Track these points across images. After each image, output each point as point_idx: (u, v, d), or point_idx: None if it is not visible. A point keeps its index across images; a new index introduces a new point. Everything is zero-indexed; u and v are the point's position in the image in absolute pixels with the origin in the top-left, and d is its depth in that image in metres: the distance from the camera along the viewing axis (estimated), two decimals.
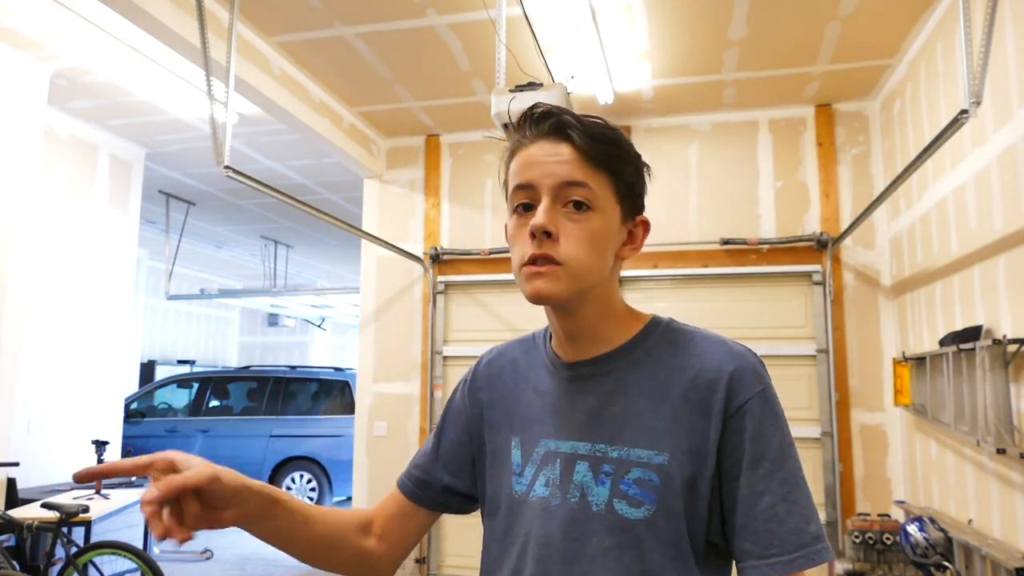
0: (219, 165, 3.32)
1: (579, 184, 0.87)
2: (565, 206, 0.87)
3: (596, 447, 0.90)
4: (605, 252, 0.90)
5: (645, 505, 0.85)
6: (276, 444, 7.79)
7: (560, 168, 0.87)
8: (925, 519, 3.35)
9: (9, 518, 3.47)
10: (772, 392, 0.88)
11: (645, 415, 0.89)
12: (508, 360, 1.06)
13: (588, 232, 0.87)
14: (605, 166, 0.89)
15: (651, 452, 0.86)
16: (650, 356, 0.92)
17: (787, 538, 0.81)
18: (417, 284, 5.46)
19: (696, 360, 0.89)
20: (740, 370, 0.87)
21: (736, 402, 0.86)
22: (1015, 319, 2.88)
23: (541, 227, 0.85)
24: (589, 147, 0.88)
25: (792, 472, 0.84)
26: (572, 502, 0.89)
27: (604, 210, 0.89)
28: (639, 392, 0.90)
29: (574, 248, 0.86)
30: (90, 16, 3.84)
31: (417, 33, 4.02)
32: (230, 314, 13.92)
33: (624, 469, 0.87)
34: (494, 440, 1.02)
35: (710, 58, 4.26)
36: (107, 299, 5.52)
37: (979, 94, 2.51)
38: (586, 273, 0.87)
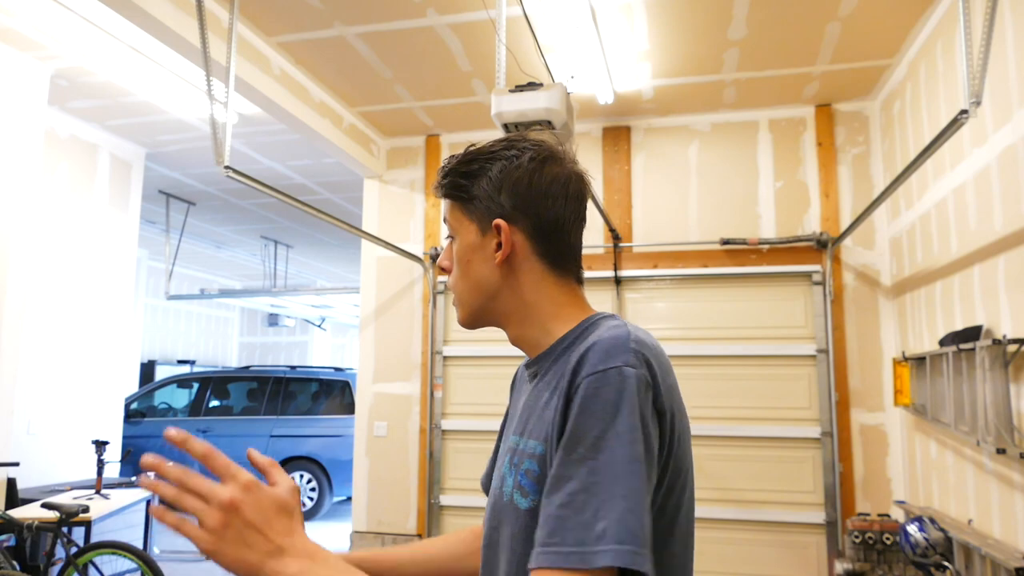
0: (219, 165, 3.31)
1: (445, 219, 1.02)
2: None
3: (518, 439, 0.94)
4: (469, 269, 0.98)
5: (530, 495, 0.85)
6: (276, 444, 7.79)
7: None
8: (925, 519, 3.35)
9: (9, 518, 3.47)
10: (617, 373, 0.79)
11: (541, 408, 0.90)
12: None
13: (456, 258, 0.99)
14: (450, 196, 0.99)
15: (535, 442, 0.87)
16: (565, 352, 0.91)
17: (572, 530, 0.73)
18: (417, 284, 5.46)
19: (578, 350, 0.86)
20: (591, 348, 0.82)
21: (576, 380, 0.81)
22: (1015, 319, 2.88)
23: (440, 265, 1.02)
24: (438, 190, 1.01)
25: (607, 463, 0.75)
26: (496, 491, 0.94)
27: (459, 233, 0.99)
28: (546, 385, 0.91)
29: (453, 276, 1.00)
30: (90, 16, 3.84)
31: (417, 33, 4.02)
32: (230, 314, 13.92)
33: (521, 460, 0.89)
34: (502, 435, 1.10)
35: (710, 58, 4.26)
36: (107, 299, 5.52)
37: (979, 94, 2.51)
38: (464, 294, 0.99)
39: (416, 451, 5.29)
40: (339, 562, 0.76)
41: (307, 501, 7.64)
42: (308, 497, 7.64)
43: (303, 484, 7.67)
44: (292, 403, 8.17)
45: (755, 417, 4.69)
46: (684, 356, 4.79)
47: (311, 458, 7.68)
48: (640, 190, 5.12)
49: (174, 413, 8.58)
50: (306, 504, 7.63)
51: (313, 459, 7.67)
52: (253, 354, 14.02)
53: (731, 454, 4.71)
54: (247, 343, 14.20)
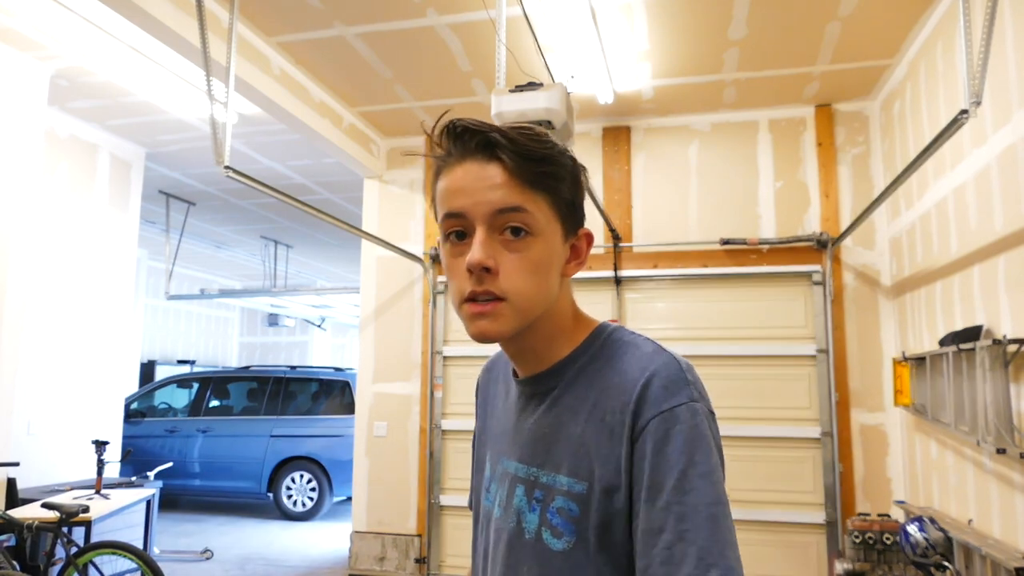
0: (219, 165, 3.31)
1: (515, 209, 0.79)
2: (502, 233, 0.80)
3: (531, 470, 0.86)
4: (549, 277, 0.83)
5: (565, 536, 0.80)
6: (276, 444, 7.79)
7: (493, 194, 0.79)
8: (925, 519, 3.35)
9: (9, 518, 3.47)
10: (686, 410, 0.76)
11: (571, 439, 0.83)
12: (500, 370, 1.05)
13: (529, 261, 0.80)
14: (541, 186, 0.81)
15: (572, 480, 0.81)
16: (584, 373, 0.86)
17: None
18: (417, 284, 5.46)
19: (618, 378, 0.81)
20: (650, 387, 0.78)
21: (641, 422, 0.77)
22: (1015, 319, 2.88)
23: (479, 264, 0.78)
24: (522, 167, 0.79)
25: (695, 507, 0.72)
26: (511, 526, 0.87)
27: (544, 233, 0.81)
28: (570, 414, 0.84)
29: (516, 281, 0.79)
30: (90, 16, 3.84)
31: (417, 33, 4.02)
32: (230, 314, 13.92)
33: (551, 497, 0.83)
34: (480, 450, 1.04)
35: (710, 58, 4.26)
36: (107, 299, 5.52)
37: (979, 94, 2.50)
38: (531, 304, 0.81)
39: (416, 451, 5.29)
40: None
41: (307, 501, 7.64)
42: (308, 497, 7.64)
43: (303, 484, 7.68)
44: (292, 403, 8.17)
45: (755, 417, 4.69)
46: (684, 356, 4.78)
47: (311, 458, 7.68)
48: (640, 190, 5.12)
49: (174, 413, 8.58)
50: (306, 504, 7.63)
51: (313, 459, 7.67)
52: (253, 354, 14.02)
53: (731, 454, 4.71)
54: (247, 343, 14.20)
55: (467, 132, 0.81)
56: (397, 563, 5.20)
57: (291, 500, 7.66)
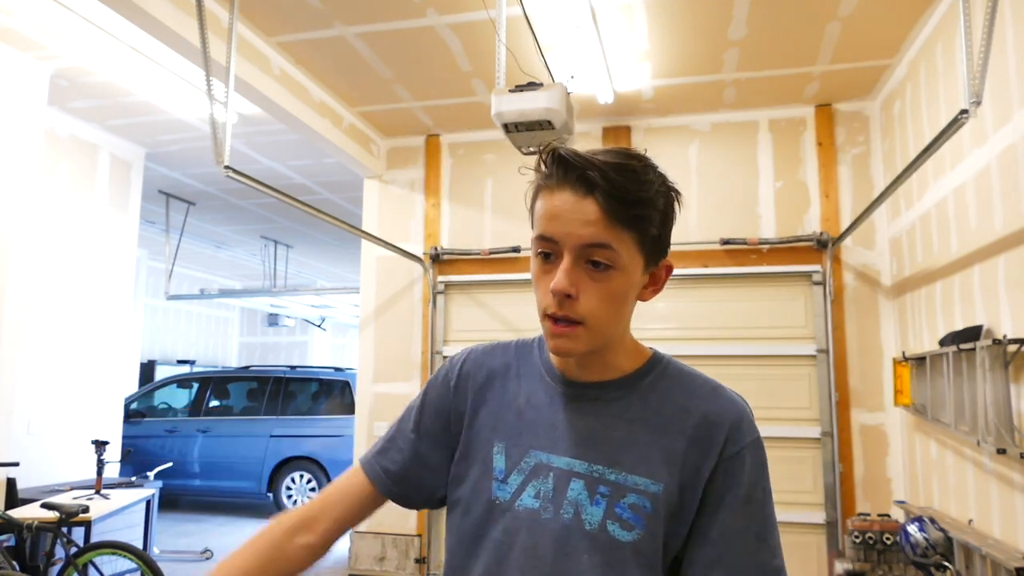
0: (219, 165, 3.31)
1: (603, 246, 0.86)
2: (587, 263, 0.87)
3: (594, 468, 0.93)
4: (625, 306, 0.92)
5: (636, 529, 0.90)
6: (276, 444, 7.79)
7: (584, 229, 0.85)
8: (925, 519, 3.35)
9: (9, 518, 3.47)
10: (762, 442, 0.97)
11: (646, 445, 0.93)
12: (500, 363, 1.06)
13: (609, 292, 0.88)
14: (630, 225, 0.87)
15: (648, 480, 0.91)
16: (655, 390, 0.97)
17: (754, 568, 0.89)
18: (417, 284, 5.46)
19: (699, 402, 0.96)
20: (740, 419, 0.96)
21: (735, 447, 0.93)
22: (1015, 319, 2.88)
23: (563, 291, 0.86)
24: (615, 209, 0.85)
25: (769, 514, 0.93)
26: (565, 518, 0.91)
27: (626, 268, 0.88)
28: (643, 422, 0.95)
29: (595, 308, 0.88)
30: (90, 16, 3.84)
31: (417, 33, 4.02)
32: (230, 314, 13.92)
33: (620, 493, 0.91)
34: (472, 440, 1.02)
35: (710, 58, 4.26)
36: (107, 299, 5.52)
37: (979, 94, 2.51)
38: (606, 329, 0.91)
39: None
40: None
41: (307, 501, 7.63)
42: (308, 497, 7.61)
43: (303, 484, 7.67)
44: (292, 403, 8.17)
45: (755, 417, 4.68)
46: (684, 356, 4.76)
47: (311, 458, 7.67)
48: None
49: (174, 413, 8.57)
50: None
51: (313, 459, 7.67)
52: (253, 354, 14.02)
53: None
54: (247, 343, 14.20)
55: (567, 163, 0.87)
56: (397, 563, 5.19)
57: (291, 500, 7.66)
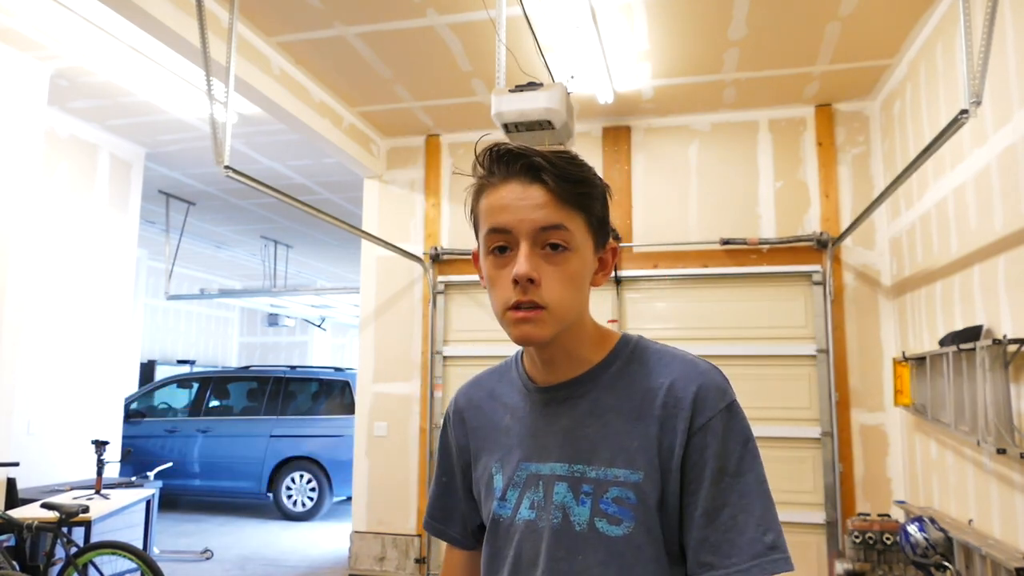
0: (219, 165, 3.31)
1: (557, 227, 0.89)
2: (543, 248, 0.89)
3: (574, 468, 0.93)
4: (583, 287, 0.93)
5: (624, 522, 0.89)
6: (276, 444, 7.79)
7: (536, 213, 0.88)
8: (925, 519, 3.35)
9: (9, 518, 3.47)
10: (736, 408, 0.91)
11: (620, 435, 0.92)
12: (486, 390, 1.09)
13: (567, 273, 0.90)
14: (577, 205, 0.90)
15: (627, 471, 0.90)
16: (622, 377, 0.95)
17: (744, 547, 0.84)
18: (417, 284, 5.46)
19: (665, 379, 0.93)
20: (704, 388, 0.90)
21: (700, 419, 0.89)
22: (1015, 319, 2.88)
23: (526, 276, 0.87)
24: (562, 189, 0.88)
25: (751, 484, 0.87)
26: (555, 523, 0.92)
27: (579, 248, 0.91)
28: (614, 413, 0.93)
29: (556, 291, 0.89)
30: (90, 16, 3.84)
31: (417, 33, 4.02)
32: (230, 314, 13.92)
33: (603, 488, 0.90)
34: (478, 468, 1.06)
35: (710, 58, 4.26)
36: (107, 299, 5.52)
37: (979, 94, 2.51)
38: (568, 312, 0.91)
39: (416, 451, 5.29)
40: None
41: (307, 501, 7.64)
42: (308, 497, 7.64)
43: (303, 484, 7.67)
44: (292, 403, 8.17)
45: (755, 417, 4.69)
46: None
47: (311, 458, 7.68)
48: (640, 190, 5.12)
49: (174, 413, 8.58)
50: (306, 504, 7.63)
51: (313, 459, 7.67)
52: (253, 354, 14.02)
53: None
54: (247, 343, 14.20)
55: (510, 155, 0.90)
56: (397, 563, 5.20)
57: (291, 500, 7.66)
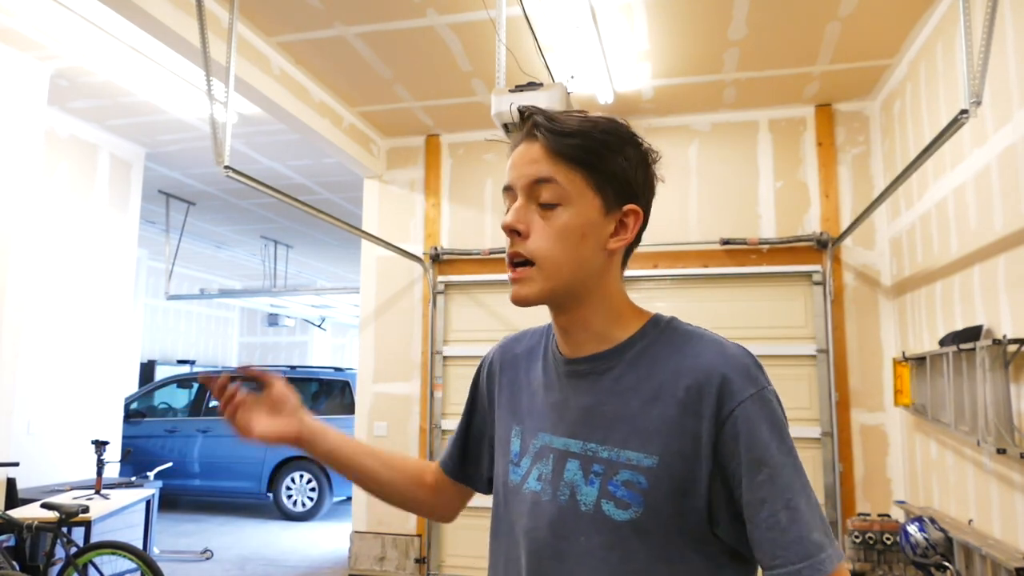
0: (219, 165, 3.31)
1: (545, 180, 0.88)
2: (539, 204, 0.89)
3: (587, 446, 0.90)
4: (580, 245, 0.88)
5: (632, 507, 0.85)
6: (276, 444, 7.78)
7: (530, 167, 0.89)
8: (925, 519, 3.35)
9: (9, 518, 3.47)
10: (768, 394, 0.85)
11: (638, 416, 0.88)
12: (523, 348, 1.08)
13: (557, 226, 0.88)
14: (575, 159, 0.88)
15: (640, 454, 0.86)
16: (647, 356, 0.91)
17: (790, 548, 0.79)
18: (417, 284, 5.46)
19: (691, 361, 0.87)
20: (732, 372, 0.85)
21: (729, 406, 0.84)
22: (1015, 319, 2.88)
23: (508, 225, 0.89)
24: (555, 143, 0.88)
25: (791, 477, 0.82)
26: (562, 500, 0.90)
27: (575, 203, 0.88)
28: (634, 392, 0.89)
29: (542, 243, 0.87)
30: (90, 16, 3.84)
31: (417, 33, 4.02)
32: (230, 314, 13.91)
33: (613, 470, 0.87)
34: (499, 427, 1.06)
35: (710, 58, 4.26)
36: (107, 299, 5.52)
37: (979, 94, 2.50)
38: (559, 268, 0.88)
39: (416, 451, 5.29)
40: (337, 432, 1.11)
41: (307, 501, 7.63)
42: (308, 497, 7.64)
43: (303, 484, 7.67)
44: None
45: None
46: None
47: (311, 458, 7.66)
48: None
49: (174, 413, 8.57)
50: (306, 504, 7.63)
51: (313, 459, 7.65)
52: (253, 354, 14.02)
53: None
54: (247, 343, 14.20)
55: (521, 118, 0.92)
56: (397, 563, 5.19)
57: (291, 500, 7.66)
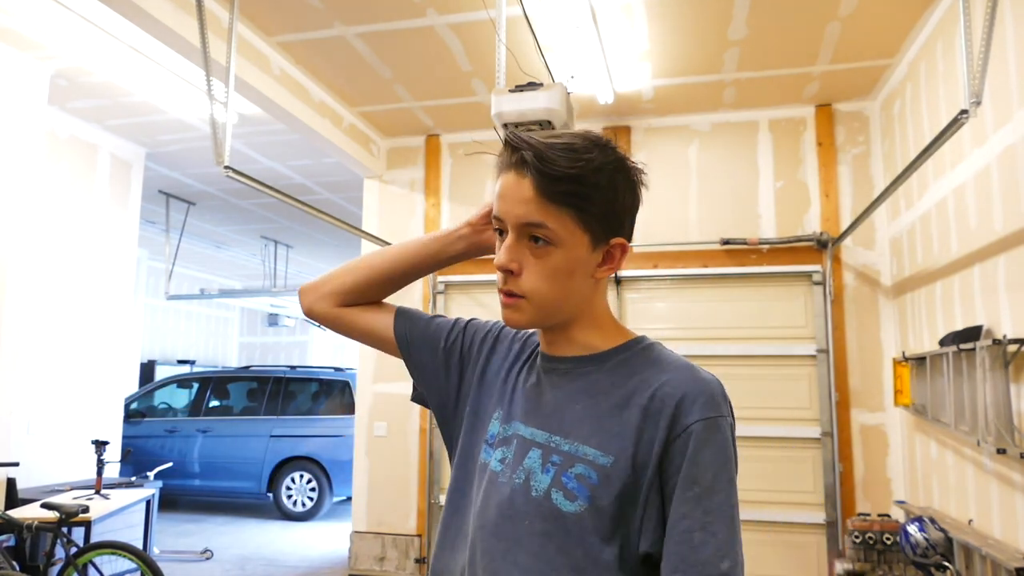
0: (219, 165, 3.31)
1: (537, 225, 0.89)
2: (529, 239, 0.91)
3: (552, 438, 0.94)
4: (569, 282, 0.92)
5: (579, 500, 0.88)
6: (276, 444, 7.79)
7: (520, 208, 0.89)
8: (925, 519, 3.35)
9: (9, 518, 3.47)
10: (725, 424, 0.88)
11: (604, 418, 0.92)
12: (523, 336, 1.11)
13: (548, 268, 0.91)
14: (565, 203, 0.88)
15: (598, 452, 0.90)
16: (625, 366, 0.96)
17: (694, 567, 0.81)
18: (417, 284, 5.46)
19: (662, 376, 0.92)
20: (697, 393, 0.88)
21: (684, 422, 0.87)
22: (1015, 319, 2.88)
23: (502, 266, 0.92)
24: (545, 187, 0.88)
25: (720, 505, 0.84)
26: (516, 483, 0.93)
27: (565, 244, 0.90)
28: (605, 396, 0.93)
29: (535, 283, 0.91)
30: (90, 16, 3.84)
31: (417, 33, 4.02)
32: (230, 314, 13.91)
33: (570, 463, 0.91)
34: (480, 399, 1.07)
35: (710, 58, 4.26)
36: (107, 299, 5.52)
37: (979, 94, 2.50)
38: (550, 304, 0.93)
39: (416, 451, 5.29)
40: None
41: (307, 501, 7.63)
42: (308, 497, 7.64)
43: (303, 484, 7.67)
44: (292, 403, 8.17)
45: (755, 417, 4.69)
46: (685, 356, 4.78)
47: (311, 458, 7.67)
48: None
49: (174, 413, 8.57)
50: (306, 504, 7.63)
51: (313, 459, 7.67)
52: (253, 354, 14.02)
53: None
54: (247, 343, 14.20)
55: (511, 145, 0.91)
56: (397, 563, 5.19)
57: (291, 500, 7.66)
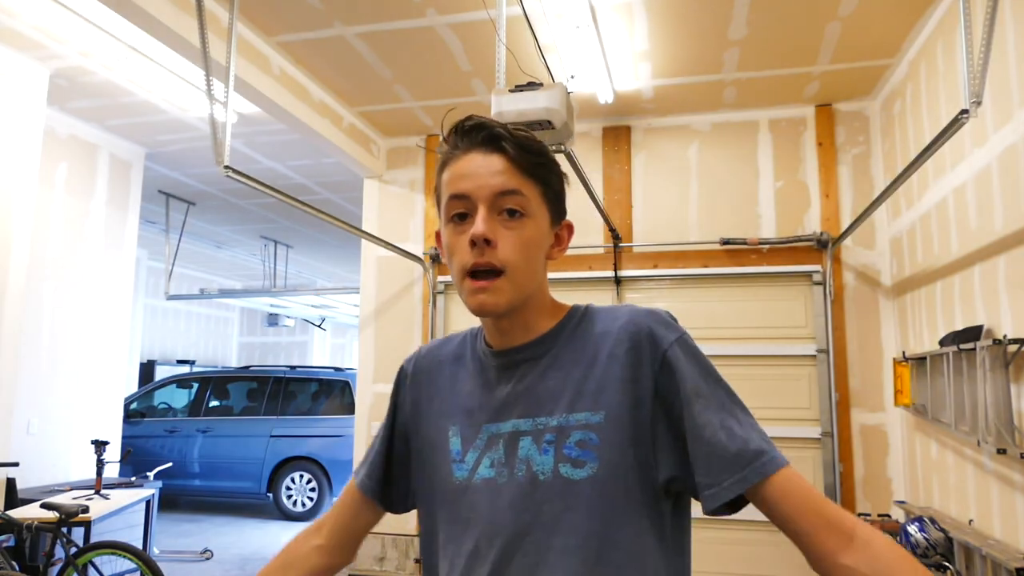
0: (219, 165, 3.31)
1: (513, 192, 0.92)
2: (500, 214, 0.92)
3: (537, 420, 0.94)
4: (538, 256, 0.96)
5: (588, 464, 0.89)
6: (276, 444, 7.79)
7: (495, 179, 0.91)
8: (925, 519, 3.35)
9: (9, 518, 3.47)
10: (688, 339, 0.94)
11: (580, 381, 0.93)
12: (447, 354, 1.09)
13: (524, 237, 0.92)
14: (535, 175, 0.94)
15: (588, 413, 0.91)
16: (577, 334, 0.98)
17: (733, 460, 0.86)
18: (417, 284, 5.46)
19: (615, 324, 0.96)
20: (654, 324, 0.94)
21: (660, 350, 0.91)
22: (1015, 319, 2.87)
23: (482, 235, 0.90)
24: (521, 157, 0.92)
25: (722, 399, 0.90)
26: (519, 476, 0.92)
27: (535, 216, 0.94)
28: (572, 363, 0.95)
29: (512, 253, 0.91)
30: (90, 16, 3.84)
31: (417, 33, 4.02)
32: (230, 314, 13.91)
33: (565, 434, 0.91)
34: (428, 433, 1.05)
35: (710, 58, 4.26)
36: (107, 299, 5.52)
37: (979, 94, 2.50)
38: (525, 278, 0.93)
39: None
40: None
41: (307, 501, 7.63)
42: (308, 497, 7.64)
43: (303, 484, 7.67)
44: (292, 403, 8.17)
45: (756, 417, 4.68)
46: None
47: (311, 458, 7.67)
48: (640, 190, 5.11)
49: (174, 413, 8.57)
50: (306, 504, 7.63)
51: (313, 459, 7.67)
52: (253, 354, 14.02)
53: None
54: (247, 343, 14.20)
55: (474, 127, 0.94)
56: (397, 563, 5.19)
57: (291, 500, 7.66)
